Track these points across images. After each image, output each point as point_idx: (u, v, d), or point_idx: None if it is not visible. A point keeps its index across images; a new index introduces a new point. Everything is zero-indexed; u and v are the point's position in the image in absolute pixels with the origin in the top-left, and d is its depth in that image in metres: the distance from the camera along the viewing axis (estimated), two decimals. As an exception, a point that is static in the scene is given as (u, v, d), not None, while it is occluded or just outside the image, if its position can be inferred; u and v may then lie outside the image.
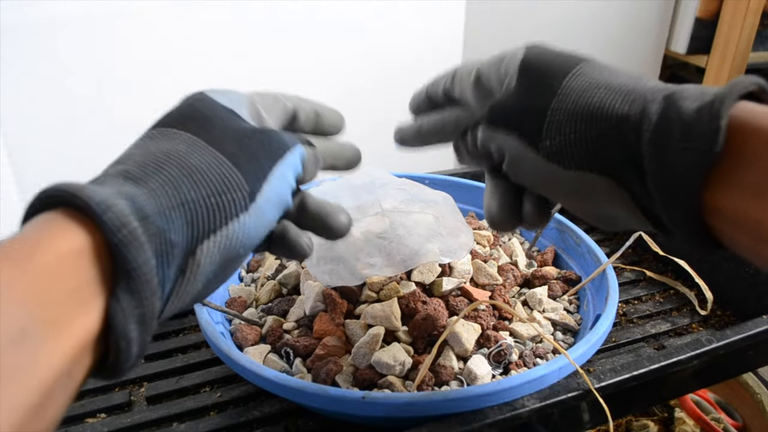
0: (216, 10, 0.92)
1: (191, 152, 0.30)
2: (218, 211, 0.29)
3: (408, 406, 0.40)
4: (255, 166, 0.31)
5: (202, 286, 0.29)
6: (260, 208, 0.31)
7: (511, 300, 0.53)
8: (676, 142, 0.27)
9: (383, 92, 1.07)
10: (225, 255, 0.29)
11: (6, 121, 0.83)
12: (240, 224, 0.30)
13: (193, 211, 0.28)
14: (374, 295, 0.50)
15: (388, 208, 0.51)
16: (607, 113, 0.30)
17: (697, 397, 0.75)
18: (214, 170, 0.29)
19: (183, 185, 0.28)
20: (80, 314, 0.23)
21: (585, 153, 0.31)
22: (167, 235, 0.26)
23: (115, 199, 0.25)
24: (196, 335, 0.55)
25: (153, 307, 0.25)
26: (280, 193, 0.32)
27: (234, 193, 0.29)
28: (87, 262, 0.23)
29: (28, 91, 0.83)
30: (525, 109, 0.34)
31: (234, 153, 0.31)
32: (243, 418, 0.46)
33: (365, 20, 1.03)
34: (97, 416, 0.47)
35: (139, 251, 0.24)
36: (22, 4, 0.79)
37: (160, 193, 0.27)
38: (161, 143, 0.30)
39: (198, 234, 0.28)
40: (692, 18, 1.35)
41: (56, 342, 0.22)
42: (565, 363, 0.42)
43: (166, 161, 0.29)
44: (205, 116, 0.32)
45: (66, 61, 0.84)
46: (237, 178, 0.30)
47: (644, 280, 0.63)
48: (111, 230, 0.24)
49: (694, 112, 0.27)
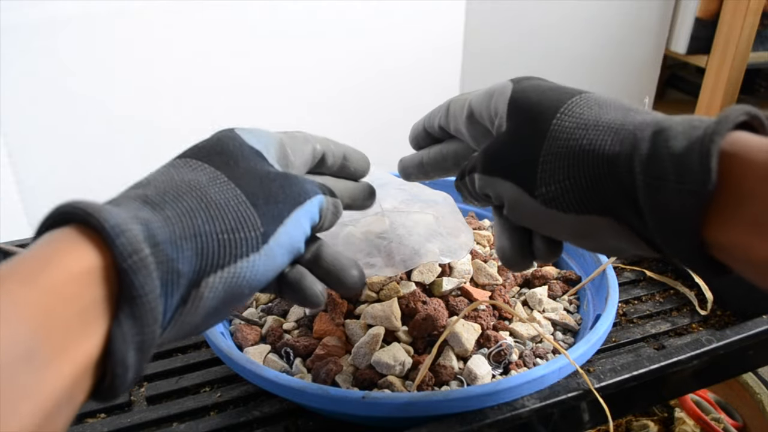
0: (216, 10, 0.92)
1: (211, 185, 0.30)
2: (229, 248, 0.29)
3: (408, 406, 0.40)
4: (272, 208, 0.31)
5: (202, 319, 0.29)
6: (271, 251, 0.31)
7: (511, 300, 0.53)
8: (669, 184, 0.27)
9: (383, 92, 1.07)
10: (229, 292, 0.29)
11: (6, 121, 0.83)
12: (249, 263, 0.30)
13: (205, 243, 0.28)
14: (374, 295, 0.50)
15: (388, 208, 0.51)
16: (599, 155, 0.30)
17: (697, 397, 0.75)
18: (231, 206, 0.30)
19: (198, 217, 0.28)
20: (84, 336, 0.23)
21: (582, 197, 0.31)
22: (175, 264, 0.26)
23: (130, 223, 0.25)
24: (196, 335, 0.55)
25: (153, 334, 0.25)
26: (294, 238, 0.32)
27: (248, 231, 0.30)
28: (95, 282, 0.23)
29: (28, 91, 0.83)
30: (517, 157, 0.34)
31: (254, 192, 0.31)
32: (243, 418, 0.46)
33: (365, 20, 1.03)
34: (97, 416, 0.47)
35: (147, 279, 0.24)
36: (22, 4, 0.79)
37: (174, 222, 0.27)
38: (184, 173, 0.31)
39: (206, 267, 0.28)
40: (692, 18, 1.35)
41: (61, 364, 0.22)
42: (565, 363, 0.42)
43: (185, 191, 0.29)
44: (230, 153, 0.33)
45: (66, 61, 0.84)
46: (253, 218, 0.30)
47: (644, 280, 0.63)
48: (122, 255, 0.24)
49: (684, 151, 0.26)
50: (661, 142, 0.27)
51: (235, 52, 0.96)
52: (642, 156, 0.28)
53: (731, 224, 0.26)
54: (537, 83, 0.36)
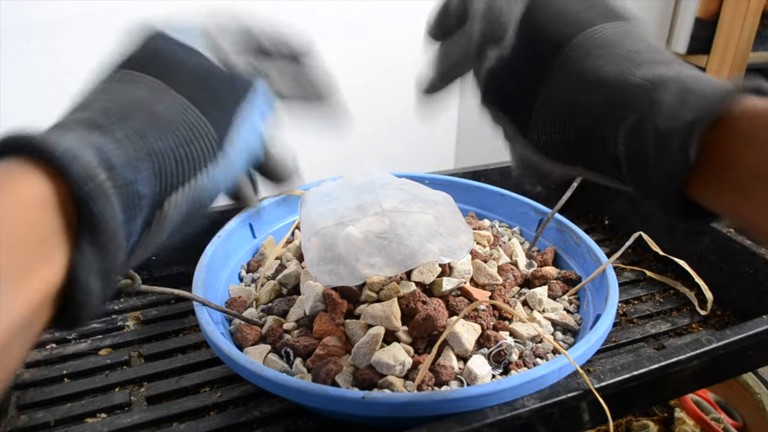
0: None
1: (156, 98, 0.28)
2: (187, 162, 0.28)
3: (408, 406, 0.40)
4: (221, 109, 0.30)
5: (167, 236, 0.28)
6: (228, 157, 0.30)
7: (511, 300, 0.53)
8: (650, 160, 0.27)
9: (383, 92, 1.07)
10: (192, 206, 0.29)
11: (6, 121, 0.83)
12: (209, 175, 0.29)
13: (162, 162, 0.27)
14: (374, 295, 0.50)
15: (388, 208, 0.51)
16: (590, 114, 0.30)
17: (697, 397, 0.75)
18: (181, 117, 0.28)
19: (150, 135, 0.27)
20: (42, 266, 0.22)
21: (571, 153, 0.31)
22: (135, 187, 0.25)
23: (82, 149, 0.24)
24: (196, 335, 0.55)
25: (117, 261, 0.24)
26: (249, 141, 0.31)
27: (202, 142, 0.28)
28: (50, 213, 0.23)
29: (28, 91, 0.83)
30: (517, 91, 0.33)
31: (199, 97, 0.29)
32: (243, 418, 0.46)
33: (365, 20, 1.03)
34: (97, 416, 0.47)
35: (106, 205, 0.23)
36: (22, 4, 0.79)
37: (126, 143, 0.26)
38: (125, 89, 0.29)
39: (166, 186, 0.27)
40: (692, 18, 1.35)
41: (16, 294, 0.21)
42: (565, 363, 0.42)
43: (132, 109, 0.27)
44: (166, 58, 0.31)
45: (66, 61, 0.84)
46: (205, 126, 0.29)
47: (644, 280, 0.63)
48: (77, 182, 0.23)
49: (668, 132, 0.26)
50: (648, 116, 0.27)
51: (235, 52, 0.96)
52: (627, 128, 0.28)
53: (715, 189, 0.26)
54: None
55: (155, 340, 0.55)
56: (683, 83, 0.27)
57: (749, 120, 0.25)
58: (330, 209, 0.52)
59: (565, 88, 0.31)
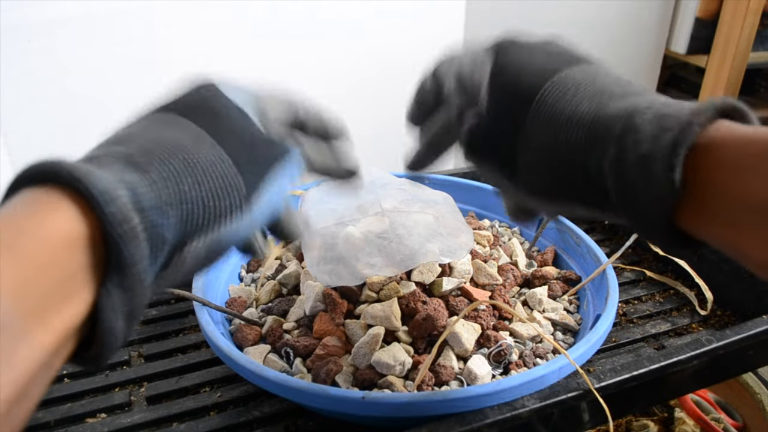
0: (216, 10, 0.92)
1: (196, 146, 0.29)
2: (213, 214, 0.28)
3: (408, 406, 0.40)
4: (255, 170, 0.31)
5: (181, 278, 0.29)
6: (253, 215, 0.31)
7: (511, 300, 0.53)
8: (638, 189, 0.27)
9: (383, 92, 1.07)
10: (210, 253, 0.29)
11: (6, 121, 0.83)
12: (231, 228, 0.29)
13: (190, 210, 0.27)
14: (374, 295, 0.50)
15: (388, 208, 0.51)
16: (572, 154, 0.30)
17: (697, 397, 0.75)
18: (217, 169, 0.29)
19: (185, 181, 0.27)
20: (66, 305, 0.22)
21: (561, 191, 0.32)
22: (161, 231, 0.25)
23: (118, 189, 0.24)
24: (196, 335, 0.55)
25: (143, 303, 0.25)
26: (274, 202, 0.32)
27: (232, 196, 0.29)
28: (79, 250, 0.23)
29: (28, 91, 0.83)
30: (498, 144, 0.34)
31: (237, 153, 0.30)
32: (243, 418, 0.46)
33: (365, 20, 1.03)
34: (97, 416, 0.47)
35: (137, 249, 0.24)
36: (22, 4, 0.79)
37: (161, 186, 0.26)
38: (168, 131, 0.29)
39: (190, 233, 0.27)
40: (692, 18, 1.35)
41: (38, 334, 0.21)
42: (565, 363, 0.42)
43: (171, 152, 0.28)
44: (213, 110, 0.32)
45: (66, 61, 0.84)
46: (237, 182, 0.30)
47: (644, 280, 0.63)
48: (112, 224, 0.23)
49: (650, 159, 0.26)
50: (629, 145, 0.27)
51: (236, 52, 0.96)
52: (611, 159, 0.28)
53: (704, 219, 0.26)
54: (518, 56, 0.35)
55: (155, 340, 0.55)
56: (657, 109, 0.27)
57: (732, 149, 0.25)
58: (330, 209, 0.52)
59: (544, 131, 0.31)
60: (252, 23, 0.96)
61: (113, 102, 0.90)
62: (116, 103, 0.90)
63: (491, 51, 0.36)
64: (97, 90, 0.88)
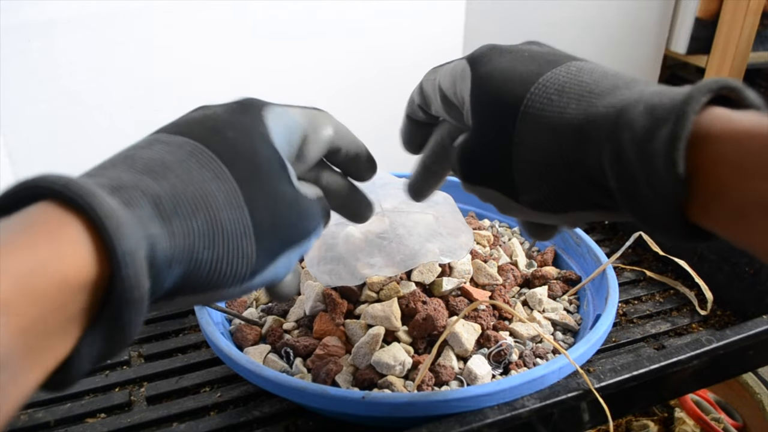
0: (216, 11, 0.92)
1: (226, 208, 0.28)
2: (216, 279, 0.28)
3: (408, 406, 0.40)
4: (272, 243, 0.30)
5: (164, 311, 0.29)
6: (252, 285, 0.30)
7: (511, 300, 0.53)
8: (641, 188, 0.26)
9: (383, 92, 1.07)
10: (198, 302, 0.29)
11: (6, 121, 0.83)
12: (227, 293, 0.29)
13: (195, 270, 0.27)
14: (374, 295, 0.50)
15: (388, 208, 0.51)
16: (568, 162, 0.29)
17: (697, 397, 0.75)
18: (237, 236, 0.28)
19: (201, 243, 0.26)
20: (61, 345, 0.22)
21: (564, 201, 0.31)
22: (161, 283, 0.25)
23: (140, 249, 0.23)
24: (196, 335, 0.55)
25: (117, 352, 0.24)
26: (278, 276, 0.32)
27: (240, 266, 0.28)
28: (86, 294, 0.22)
29: (28, 91, 0.83)
30: (492, 164, 0.33)
31: (262, 222, 0.29)
32: (243, 418, 0.46)
33: (365, 20, 1.03)
34: (97, 416, 0.47)
35: (139, 313, 0.23)
36: (22, 4, 0.79)
37: (178, 242, 0.25)
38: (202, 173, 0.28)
39: (187, 289, 0.27)
40: (692, 18, 1.35)
41: (32, 373, 0.21)
42: (565, 363, 0.42)
43: (198, 206, 0.27)
44: (255, 162, 0.30)
45: (66, 61, 0.84)
46: (251, 253, 0.29)
47: (644, 280, 0.63)
48: (123, 287, 0.22)
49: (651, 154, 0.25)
50: (626, 143, 0.26)
51: (236, 52, 0.96)
52: (610, 160, 0.27)
53: (712, 214, 0.26)
54: (497, 63, 0.33)
55: (155, 340, 0.55)
56: (647, 101, 0.26)
57: (731, 145, 0.24)
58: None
59: (536, 142, 0.30)
60: (252, 23, 0.96)
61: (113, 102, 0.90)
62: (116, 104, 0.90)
63: (470, 60, 0.35)
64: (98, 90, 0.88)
